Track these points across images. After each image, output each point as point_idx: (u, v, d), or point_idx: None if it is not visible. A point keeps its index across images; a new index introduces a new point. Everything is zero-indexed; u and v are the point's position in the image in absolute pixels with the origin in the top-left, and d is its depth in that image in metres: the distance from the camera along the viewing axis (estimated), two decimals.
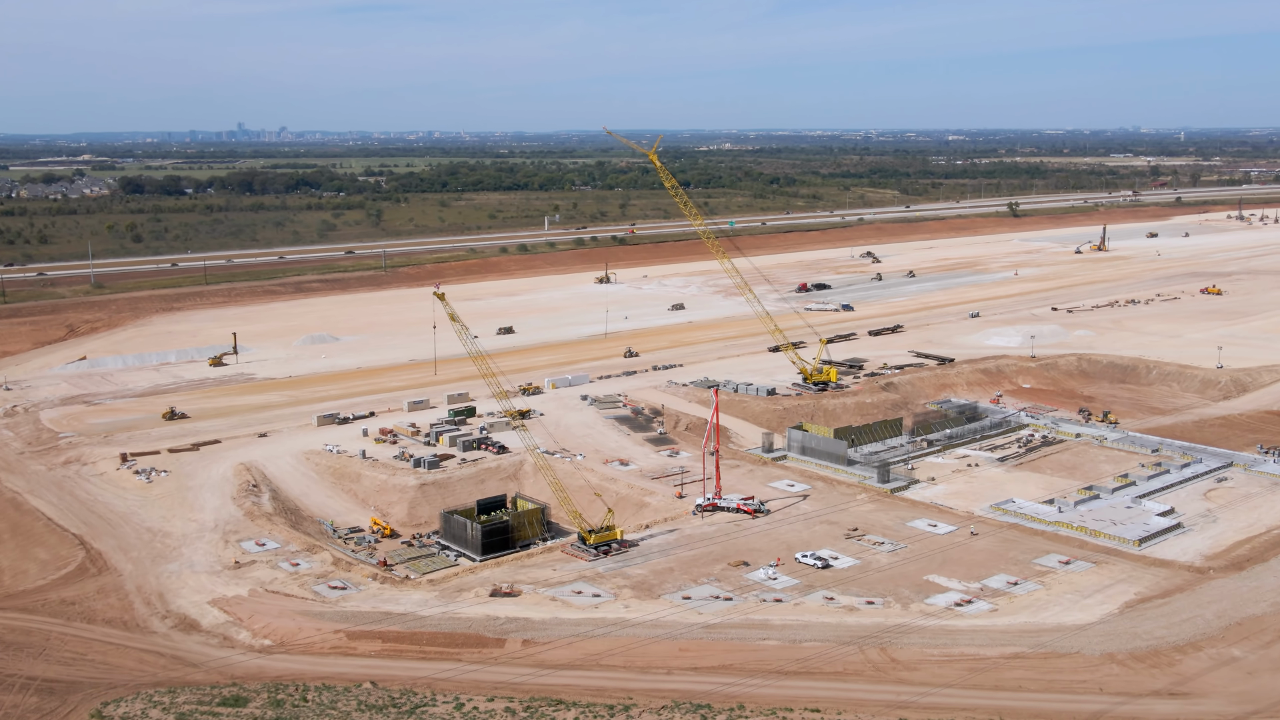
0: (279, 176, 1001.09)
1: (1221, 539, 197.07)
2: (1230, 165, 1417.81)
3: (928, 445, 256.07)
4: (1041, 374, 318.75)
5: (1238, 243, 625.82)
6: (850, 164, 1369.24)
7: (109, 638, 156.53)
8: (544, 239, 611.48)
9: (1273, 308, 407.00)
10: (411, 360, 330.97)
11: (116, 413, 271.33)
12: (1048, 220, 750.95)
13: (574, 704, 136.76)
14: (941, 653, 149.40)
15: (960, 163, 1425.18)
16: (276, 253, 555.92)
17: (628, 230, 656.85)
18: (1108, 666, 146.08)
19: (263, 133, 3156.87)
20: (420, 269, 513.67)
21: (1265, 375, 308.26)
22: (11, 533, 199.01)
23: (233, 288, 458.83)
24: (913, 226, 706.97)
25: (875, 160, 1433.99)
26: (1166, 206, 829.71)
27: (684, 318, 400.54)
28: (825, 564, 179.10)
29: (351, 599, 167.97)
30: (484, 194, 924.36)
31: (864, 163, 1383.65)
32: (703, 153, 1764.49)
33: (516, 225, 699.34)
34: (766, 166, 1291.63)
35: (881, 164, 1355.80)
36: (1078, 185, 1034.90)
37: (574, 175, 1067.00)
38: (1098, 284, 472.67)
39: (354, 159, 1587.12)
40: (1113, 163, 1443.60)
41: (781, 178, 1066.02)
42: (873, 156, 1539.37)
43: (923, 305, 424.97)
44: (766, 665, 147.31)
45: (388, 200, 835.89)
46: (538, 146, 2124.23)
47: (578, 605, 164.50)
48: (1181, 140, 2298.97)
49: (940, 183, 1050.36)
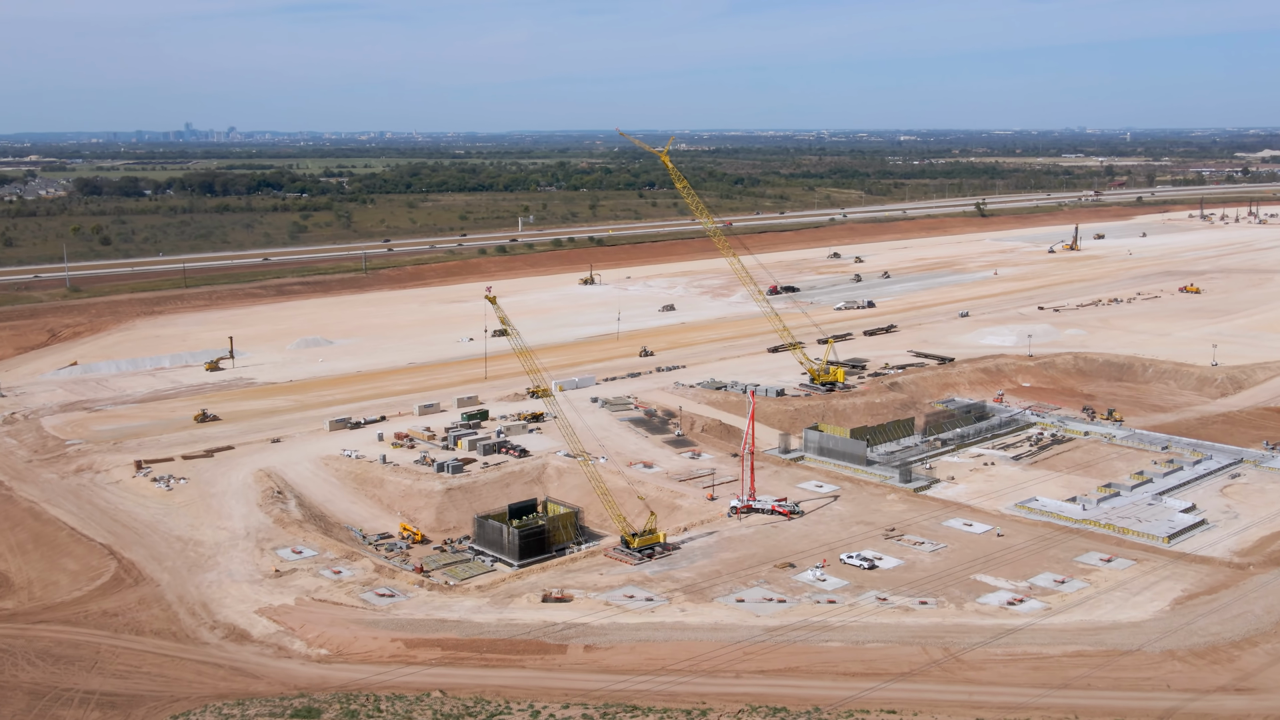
0: (240, 177, 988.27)
1: (1247, 535, 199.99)
2: (1180, 165, 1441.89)
3: (942, 445, 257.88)
4: (1040, 373, 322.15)
5: (1203, 242, 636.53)
6: (810, 164, 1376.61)
7: (161, 649, 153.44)
8: (521, 240, 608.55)
9: (1252, 306, 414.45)
10: (411, 363, 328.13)
11: (120, 419, 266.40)
12: (1014, 220, 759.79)
13: (649, 710, 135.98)
14: (1004, 652, 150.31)
15: (917, 163, 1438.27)
16: (249, 255, 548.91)
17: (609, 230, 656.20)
18: (1169, 663, 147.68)
19: (211, 133, 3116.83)
20: (400, 271, 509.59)
21: (1260, 373, 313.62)
22: (35, 543, 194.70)
23: (213, 291, 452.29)
24: (884, 226, 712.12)
25: (834, 160, 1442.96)
26: (1128, 206, 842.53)
27: (676, 319, 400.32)
28: (871, 565, 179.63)
29: (403, 606, 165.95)
30: (449, 195, 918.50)
31: (823, 163, 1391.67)
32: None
33: (488, 226, 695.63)
34: (727, 167, 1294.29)
35: (840, 164, 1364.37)
36: (1038, 185, 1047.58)
37: (538, 176, 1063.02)
38: (1077, 283, 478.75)
39: (309, 159, 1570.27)
40: (1066, 163, 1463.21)
41: (746, 178, 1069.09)
42: (831, 157, 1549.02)
43: (910, 305, 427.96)
44: (833, 667, 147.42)
45: (354, 201, 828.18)
46: (493, 147, 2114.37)
47: (633, 609, 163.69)
48: (1128, 141, 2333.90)
49: (902, 183, 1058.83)
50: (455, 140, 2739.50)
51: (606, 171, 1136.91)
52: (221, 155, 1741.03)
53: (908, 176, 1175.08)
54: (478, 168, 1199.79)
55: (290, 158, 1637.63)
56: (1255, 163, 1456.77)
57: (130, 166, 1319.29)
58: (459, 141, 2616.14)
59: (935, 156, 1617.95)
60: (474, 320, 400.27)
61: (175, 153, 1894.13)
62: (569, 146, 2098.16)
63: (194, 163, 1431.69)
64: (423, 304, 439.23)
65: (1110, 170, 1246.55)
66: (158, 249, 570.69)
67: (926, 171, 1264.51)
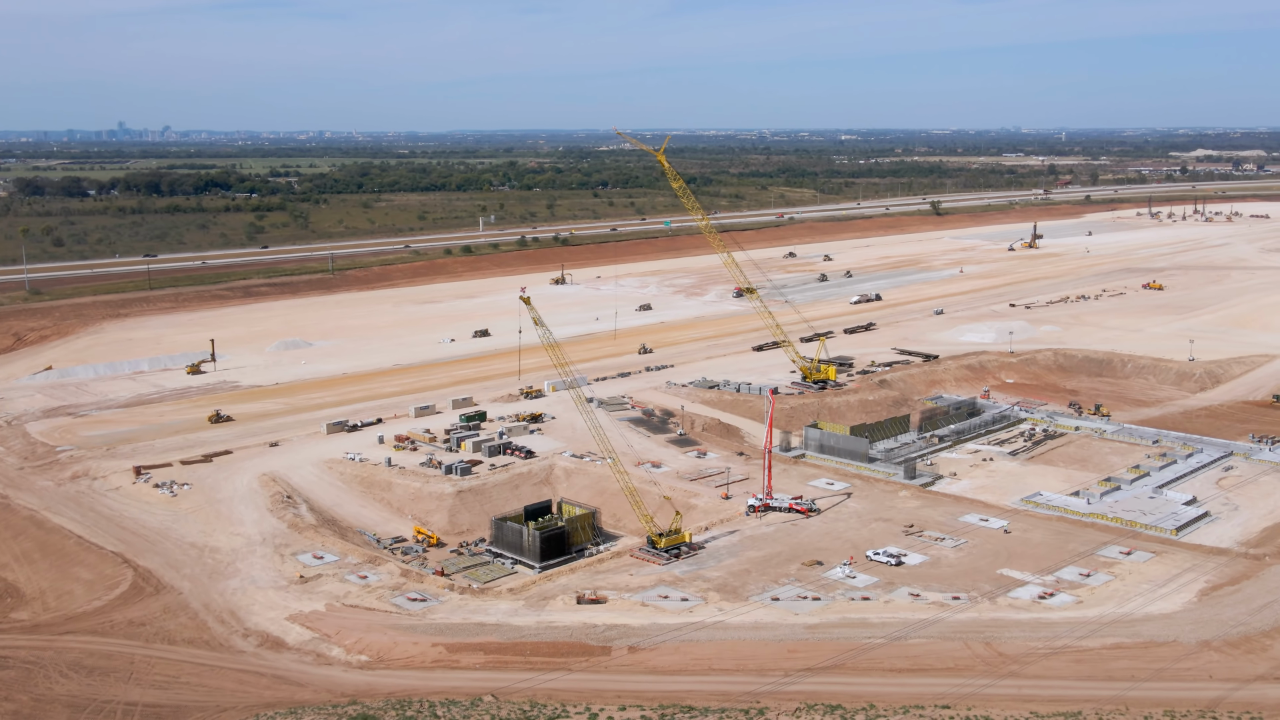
0: (186, 177, 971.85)
1: (1250, 526, 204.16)
2: (1118, 165, 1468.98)
3: (939, 441, 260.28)
4: (1022, 369, 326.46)
5: (1156, 239, 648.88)
6: (758, 163, 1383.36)
7: (197, 659, 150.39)
8: (486, 240, 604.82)
9: (1216, 301, 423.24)
10: (396, 365, 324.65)
11: (109, 424, 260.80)
12: (969, 219, 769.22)
13: (706, 710, 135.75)
14: (1045, 645, 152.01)
15: (863, 162, 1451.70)
16: (210, 256, 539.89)
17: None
18: (1206, 654, 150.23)
19: (145, 132, 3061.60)
20: (367, 272, 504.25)
21: (1235, 367, 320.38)
22: (42, 552, 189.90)
23: (179, 293, 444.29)
24: (843, 225, 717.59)
25: (782, 160, 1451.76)
26: (1078, 205, 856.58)
27: (655, 318, 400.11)
28: (898, 561, 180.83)
29: (437, 611, 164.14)
30: (402, 195, 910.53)
31: (771, 162, 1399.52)
32: (605, 152, 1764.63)
33: (447, 226, 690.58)
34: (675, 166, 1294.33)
35: (788, 163, 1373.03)
36: (985, 184, 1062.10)
37: (489, 176, 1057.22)
38: (1042, 280, 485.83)
39: (251, 159, 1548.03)
40: (1009, 162, 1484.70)
41: (698, 178, 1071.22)
42: (779, 156, 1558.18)
43: (884, 303, 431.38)
44: (879, 664, 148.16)
45: (306, 201, 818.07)
46: (436, 147, 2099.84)
47: (671, 610, 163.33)
48: (1064, 140, 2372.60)
49: (852, 182, 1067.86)
50: (397, 140, 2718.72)
51: (558, 171, 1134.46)
52: (159, 155, 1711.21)
53: (855, 175, 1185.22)
54: (428, 167, 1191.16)
55: (231, 157, 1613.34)
56: (1190, 162, 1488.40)
57: (67, 166, 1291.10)
58: (400, 141, 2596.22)
59: (878, 156, 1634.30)
60: (450, 321, 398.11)
61: (111, 152, 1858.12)
62: (513, 146, 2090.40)
63: (132, 162, 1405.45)
64: (396, 305, 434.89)
65: (1053, 169, 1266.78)
66: (113, 250, 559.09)
67: (873, 170, 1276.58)
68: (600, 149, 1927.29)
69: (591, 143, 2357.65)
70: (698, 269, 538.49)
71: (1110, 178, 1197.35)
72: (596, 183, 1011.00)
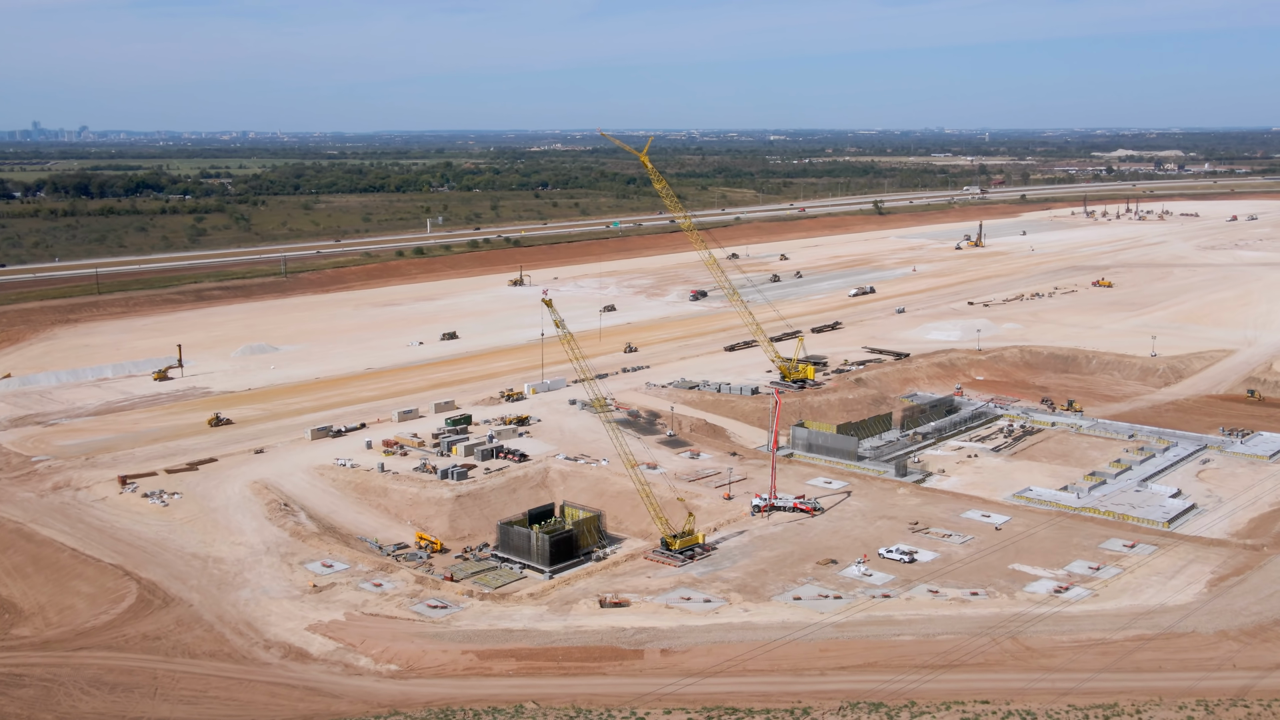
0: (116, 179, 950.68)
1: (1237, 517, 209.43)
2: (1044, 164, 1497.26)
3: (922, 439, 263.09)
4: (991, 366, 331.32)
5: (1095, 238, 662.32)
6: (693, 164, 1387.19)
7: (223, 672, 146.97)
8: (436, 242, 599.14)
9: (1166, 298, 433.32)
10: (369, 369, 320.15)
11: (82, 433, 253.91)
12: (911, 218, 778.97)
13: (750, 711, 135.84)
14: (1071, 639, 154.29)
15: (796, 162, 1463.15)
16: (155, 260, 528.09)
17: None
18: (1225, 643, 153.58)
19: (62, 132, 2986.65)
20: (320, 275, 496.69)
21: (1196, 362, 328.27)
22: (35, 566, 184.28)
23: (129, 297, 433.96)
24: (788, 225, 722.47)
25: (717, 160, 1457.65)
26: (1014, 204, 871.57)
27: (621, 319, 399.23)
28: (911, 558, 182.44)
29: (461, 618, 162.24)
30: (340, 196, 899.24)
31: (706, 163, 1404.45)
32: (539, 153, 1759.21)
33: (393, 228, 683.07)
34: (610, 166, 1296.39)
35: (723, 164, 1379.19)
36: (920, 184, 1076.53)
37: (428, 177, 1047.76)
38: (994, 278, 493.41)
39: (177, 160, 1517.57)
40: (939, 162, 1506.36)
41: (637, 178, 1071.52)
42: (713, 156, 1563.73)
43: (844, 302, 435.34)
44: (910, 660, 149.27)
45: (244, 203, 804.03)
46: (364, 147, 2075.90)
47: (697, 611, 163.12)
48: (988, 140, 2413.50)
49: (791, 182, 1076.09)
50: (323, 140, 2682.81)
51: (496, 172, 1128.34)
52: (79, 155, 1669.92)
53: (791, 175, 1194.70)
54: (363, 169, 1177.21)
55: (154, 158, 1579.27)
56: (1114, 162, 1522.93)
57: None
58: (327, 142, 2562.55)
59: (810, 156, 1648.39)
60: (413, 324, 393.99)
61: (28, 152, 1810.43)
62: (444, 147, 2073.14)
63: (52, 163, 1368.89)
64: (356, 308, 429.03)
65: (984, 169, 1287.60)
66: (52, 254, 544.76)
67: (808, 171, 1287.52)
68: (532, 149, 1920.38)
69: (522, 143, 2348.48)
70: (653, 269, 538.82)
71: (1040, 177, 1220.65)
72: (536, 183, 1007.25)
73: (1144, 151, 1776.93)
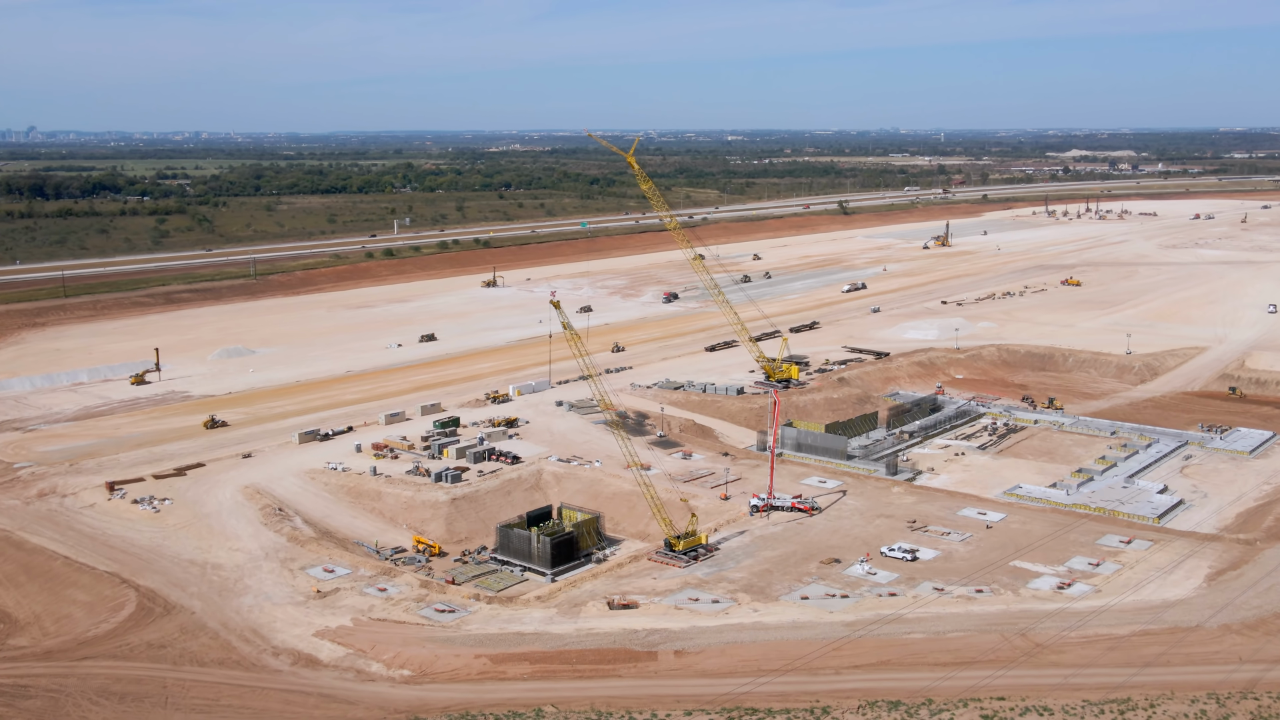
0: (72, 180, 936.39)
1: (1224, 512, 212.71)
2: (1001, 165, 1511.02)
3: (909, 437, 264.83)
4: (970, 365, 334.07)
5: (1058, 237, 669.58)
6: (654, 164, 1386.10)
7: (234, 680, 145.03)
8: (405, 243, 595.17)
9: (1133, 297, 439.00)
10: (349, 372, 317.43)
11: (62, 439, 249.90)
12: (876, 218, 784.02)
13: (769, 711, 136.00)
14: (1079, 635, 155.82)
15: (757, 162, 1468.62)
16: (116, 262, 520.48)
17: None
18: (1229, 637, 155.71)
19: (9, 132, 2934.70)
20: (290, 276, 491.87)
21: (1170, 359, 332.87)
22: (27, 574, 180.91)
23: (96, 300, 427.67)
24: (755, 225, 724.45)
25: (678, 161, 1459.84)
26: (976, 203, 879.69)
27: (599, 320, 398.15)
28: (913, 556, 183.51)
29: (471, 622, 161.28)
30: (302, 197, 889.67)
31: (668, 163, 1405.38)
32: (498, 154, 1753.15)
33: (359, 229, 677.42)
34: (571, 167, 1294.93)
35: (684, 164, 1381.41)
36: (883, 184, 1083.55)
37: (390, 178, 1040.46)
38: (964, 278, 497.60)
39: (129, 160, 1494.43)
40: (899, 162, 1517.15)
41: (601, 179, 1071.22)
42: (674, 157, 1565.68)
43: (818, 302, 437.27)
44: (923, 659, 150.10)
45: (205, 204, 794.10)
46: (321, 148, 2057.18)
47: (706, 612, 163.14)
48: (944, 140, 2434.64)
49: (753, 182, 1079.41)
50: (278, 141, 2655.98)
51: (458, 173, 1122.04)
52: (29, 156, 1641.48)
53: (753, 176, 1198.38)
54: (324, 170, 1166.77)
55: (106, 159, 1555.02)
56: (1069, 162, 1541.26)
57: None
58: (282, 142, 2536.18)
59: (768, 156, 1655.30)
60: (389, 326, 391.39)
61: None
62: (401, 147, 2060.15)
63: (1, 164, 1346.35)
64: (329, 310, 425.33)
65: (943, 169, 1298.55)
66: (13, 256, 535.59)
67: (769, 171, 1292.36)
68: (491, 150, 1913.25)
69: (480, 144, 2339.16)
70: (624, 270, 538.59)
71: (999, 177, 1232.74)
72: (500, 184, 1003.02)
73: (1098, 152, 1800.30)
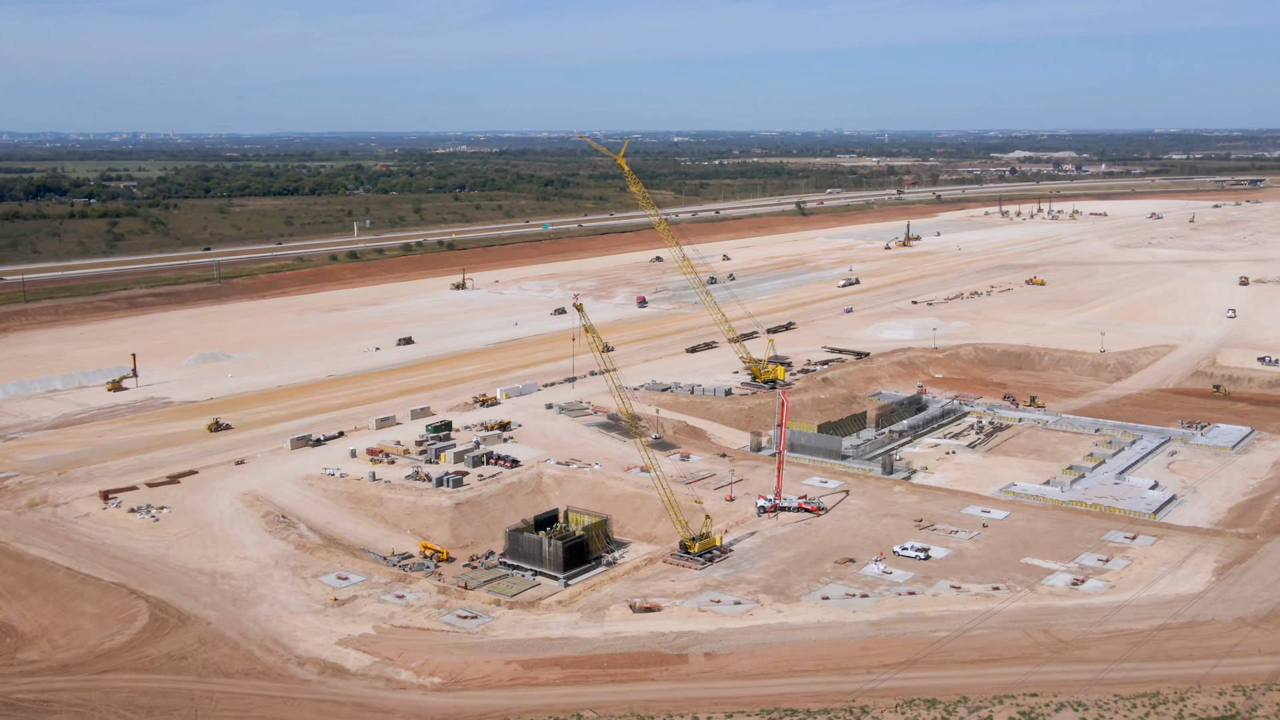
0: (14, 181, 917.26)
1: (1216, 507, 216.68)
2: (948, 165, 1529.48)
3: (898, 436, 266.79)
4: (949, 364, 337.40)
5: (1014, 237, 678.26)
6: (605, 165, 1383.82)
7: (262, 690, 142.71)
8: (369, 245, 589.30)
9: (1097, 296, 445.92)
10: (330, 376, 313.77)
11: (46, 447, 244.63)
12: (833, 218, 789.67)
13: (808, 712, 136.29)
14: (1100, 630, 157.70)
15: (707, 163, 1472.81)
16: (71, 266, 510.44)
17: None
18: (1244, 630, 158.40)
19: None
20: (255, 280, 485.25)
21: (1143, 357, 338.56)
22: (29, 586, 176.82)
23: (59, 305, 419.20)
24: (715, 226, 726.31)
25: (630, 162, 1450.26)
26: (930, 204, 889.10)
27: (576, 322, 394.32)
28: (926, 555, 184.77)
29: (495, 628, 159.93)
30: (254, 199, 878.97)
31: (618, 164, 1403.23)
32: (445, 155, 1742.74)
33: (317, 232, 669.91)
34: (523, 168, 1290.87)
35: (634, 165, 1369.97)
36: (833, 184, 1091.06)
37: (343, 180, 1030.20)
38: (929, 277, 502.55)
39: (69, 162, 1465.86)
40: (847, 163, 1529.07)
41: (555, 180, 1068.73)
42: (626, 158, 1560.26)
43: (790, 302, 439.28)
44: (951, 656, 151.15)
45: (155, 206, 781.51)
46: (264, 149, 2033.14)
47: (730, 614, 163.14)
48: (887, 142, 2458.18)
49: (707, 183, 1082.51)
50: (219, 142, 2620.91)
51: (410, 175, 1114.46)
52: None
53: (705, 177, 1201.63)
54: (274, 171, 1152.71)
55: (43, 160, 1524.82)
56: (1014, 163, 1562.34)
57: None
58: (224, 143, 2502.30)
59: (717, 157, 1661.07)
60: (363, 329, 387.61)
61: None
62: (347, 148, 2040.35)
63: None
64: (300, 313, 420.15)
65: (892, 170, 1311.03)
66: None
67: (720, 172, 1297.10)
68: (438, 151, 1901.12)
69: (426, 145, 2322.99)
70: (592, 272, 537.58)
71: (948, 178, 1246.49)
72: (454, 185, 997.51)
73: (1040, 153, 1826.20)
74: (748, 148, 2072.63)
